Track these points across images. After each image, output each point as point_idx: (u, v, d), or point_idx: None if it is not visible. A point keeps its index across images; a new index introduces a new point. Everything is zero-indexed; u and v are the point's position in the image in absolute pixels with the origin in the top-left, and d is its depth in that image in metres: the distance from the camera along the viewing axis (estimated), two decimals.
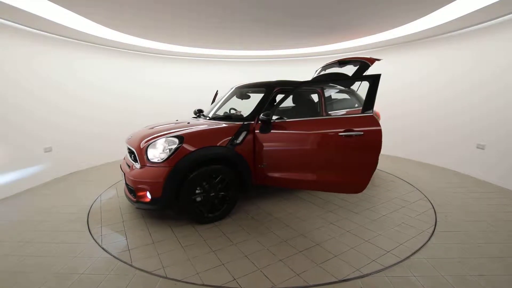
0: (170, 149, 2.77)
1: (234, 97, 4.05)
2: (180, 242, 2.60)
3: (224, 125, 3.16)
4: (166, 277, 2.09)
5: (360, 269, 2.14)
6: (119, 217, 3.15)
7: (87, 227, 2.88)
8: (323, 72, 4.21)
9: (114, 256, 2.35)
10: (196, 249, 2.47)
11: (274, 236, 2.69)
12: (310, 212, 3.23)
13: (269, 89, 3.42)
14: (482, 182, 4.28)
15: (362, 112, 2.81)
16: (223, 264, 2.24)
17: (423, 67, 5.48)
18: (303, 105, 3.95)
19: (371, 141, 2.75)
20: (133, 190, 2.86)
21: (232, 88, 4.07)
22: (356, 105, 4.22)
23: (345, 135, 2.82)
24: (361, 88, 4.35)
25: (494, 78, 4.24)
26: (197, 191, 2.86)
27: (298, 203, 3.51)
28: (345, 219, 3.04)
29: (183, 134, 2.87)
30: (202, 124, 3.26)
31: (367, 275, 2.07)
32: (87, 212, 3.27)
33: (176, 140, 2.81)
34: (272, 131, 3.07)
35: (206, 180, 2.89)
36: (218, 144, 2.93)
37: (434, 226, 2.85)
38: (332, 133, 2.89)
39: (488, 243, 2.50)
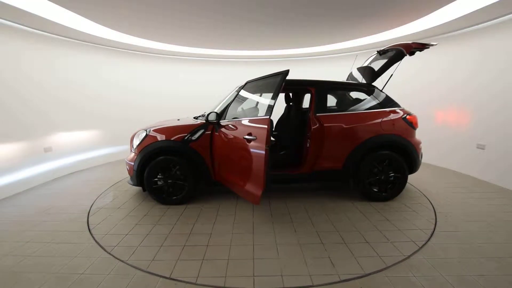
0: (139, 140, 3.45)
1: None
2: (130, 212, 3.27)
3: (188, 123, 3.51)
4: (91, 235, 2.69)
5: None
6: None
7: (87, 227, 2.88)
8: (368, 64, 3.90)
9: (114, 256, 2.35)
10: (130, 220, 3.08)
11: (187, 228, 2.86)
12: (252, 219, 3.06)
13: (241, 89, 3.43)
14: (482, 182, 4.27)
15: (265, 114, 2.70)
16: (126, 235, 2.73)
17: (423, 67, 5.47)
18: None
19: (258, 147, 2.61)
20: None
21: (237, 87, 4.08)
22: (377, 106, 3.54)
23: (246, 138, 2.79)
24: (390, 85, 3.77)
25: (494, 78, 4.24)
26: (158, 176, 3.38)
27: (259, 207, 3.38)
28: (269, 233, 2.73)
29: (151, 129, 3.49)
30: (184, 122, 3.58)
31: (367, 275, 2.07)
32: (87, 212, 3.27)
33: (145, 133, 3.46)
34: (221, 130, 3.25)
35: (164, 168, 3.35)
36: (172, 139, 3.34)
37: (434, 226, 2.84)
38: (239, 136, 2.92)
39: (488, 243, 2.49)
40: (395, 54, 3.38)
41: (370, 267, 2.17)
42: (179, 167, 3.35)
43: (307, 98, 3.83)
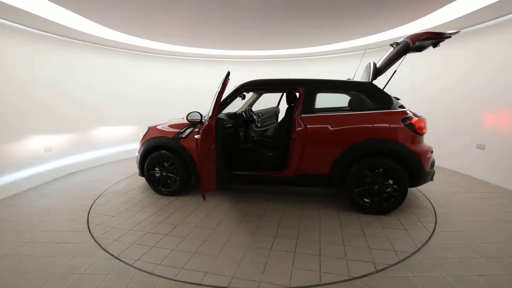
0: (142, 135, 3.84)
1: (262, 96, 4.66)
2: (128, 198, 3.67)
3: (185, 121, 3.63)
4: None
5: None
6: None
7: (87, 227, 2.88)
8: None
9: (114, 256, 2.35)
10: (123, 205, 3.44)
11: (162, 217, 3.08)
12: (224, 216, 3.11)
13: (235, 89, 3.49)
14: (482, 182, 4.27)
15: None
16: (111, 216, 3.11)
17: (423, 67, 5.47)
18: None
19: (199, 146, 2.83)
20: None
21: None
22: (373, 107, 3.17)
23: (196, 138, 2.96)
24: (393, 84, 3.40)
25: (494, 78, 4.23)
26: (156, 169, 3.70)
27: (238, 205, 3.41)
28: (227, 232, 2.77)
29: (152, 125, 3.84)
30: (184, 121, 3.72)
31: (367, 275, 2.07)
32: (87, 212, 3.27)
33: (147, 129, 3.85)
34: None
35: (160, 161, 3.66)
36: (165, 136, 3.64)
37: (434, 226, 2.84)
38: (196, 135, 3.06)
39: (488, 243, 2.49)
40: (401, 47, 3.00)
41: (302, 281, 2.03)
42: (172, 162, 3.62)
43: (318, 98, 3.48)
